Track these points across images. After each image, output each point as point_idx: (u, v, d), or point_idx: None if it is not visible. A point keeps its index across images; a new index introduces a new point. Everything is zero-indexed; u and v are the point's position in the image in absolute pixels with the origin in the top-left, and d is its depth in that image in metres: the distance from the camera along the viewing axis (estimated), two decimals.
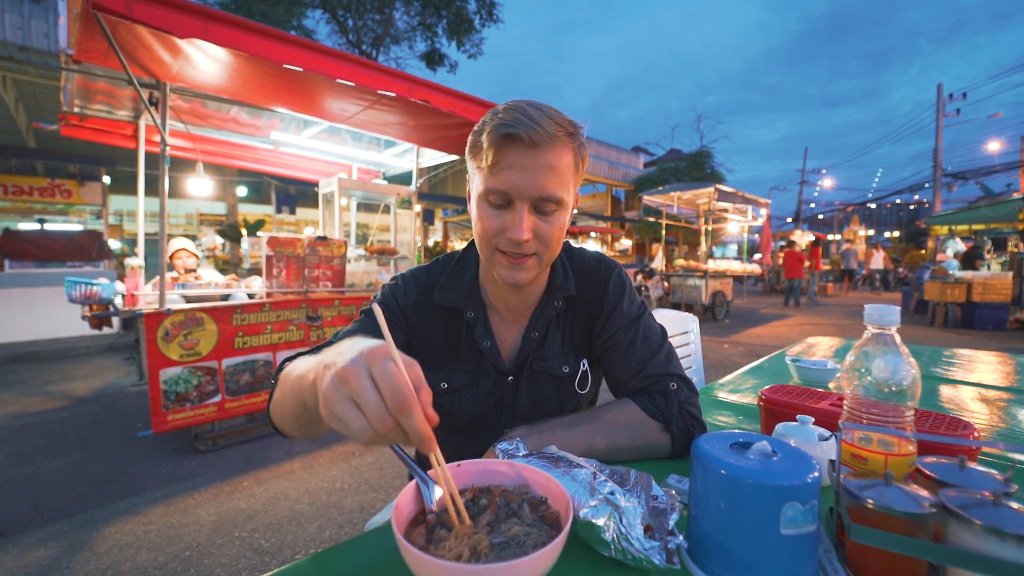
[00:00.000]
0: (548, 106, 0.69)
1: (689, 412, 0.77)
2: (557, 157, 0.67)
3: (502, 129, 0.65)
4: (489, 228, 0.70)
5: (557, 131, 0.66)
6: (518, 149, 0.65)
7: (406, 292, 0.85)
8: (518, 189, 0.66)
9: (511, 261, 0.71)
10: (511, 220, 0.68)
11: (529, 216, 0.68)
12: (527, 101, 0.69)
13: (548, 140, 0.65)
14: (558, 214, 0.70)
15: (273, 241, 3.04)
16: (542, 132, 0.65)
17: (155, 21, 1.94)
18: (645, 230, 17.15)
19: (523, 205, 0.68)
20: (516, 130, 0.64)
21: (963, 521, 0.40)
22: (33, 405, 3.64)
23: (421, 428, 0.41)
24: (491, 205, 0.69)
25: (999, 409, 1.06)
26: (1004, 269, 7.80)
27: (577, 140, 0.70)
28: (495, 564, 0.40)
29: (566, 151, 0.68)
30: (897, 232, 37.88)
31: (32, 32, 6.16)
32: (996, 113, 16.92)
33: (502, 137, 0.65)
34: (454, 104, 2.98)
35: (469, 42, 11.53)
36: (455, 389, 0.84)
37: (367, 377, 0.41)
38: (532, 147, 0.65)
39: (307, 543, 1.91)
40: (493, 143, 0.66)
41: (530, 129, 0.64)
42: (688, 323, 1.72)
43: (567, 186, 0.70)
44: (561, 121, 0.67)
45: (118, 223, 11.95)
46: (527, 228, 0.68)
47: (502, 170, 0.66)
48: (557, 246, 0.73)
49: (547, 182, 0.67)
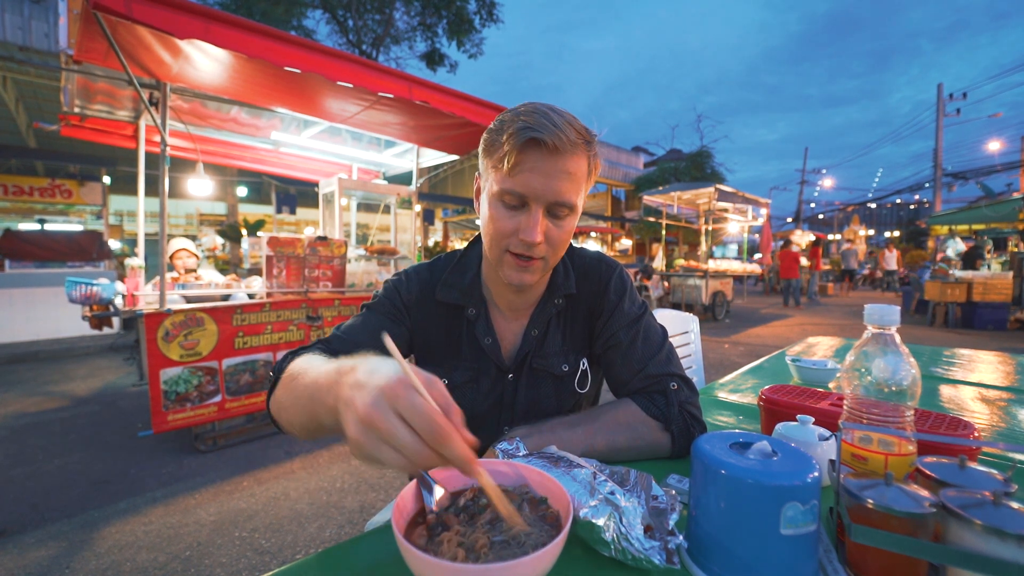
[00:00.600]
0: (567, 112, 0.70)
1: (689, 412, 0.77)
2: (575, 164, 0.68)
3: (527, 132, 0.65)
4: (502, 228, 0.70)
5: (577, 138, 0.67)
6: (540, 153, 0.66)
7: (409, 288, 0.85)
8: (536, 192, 0.67)
9: (519, 263, 0.72)
10: (525, 222, 0.69)
11: (543, 219, 0.69)
12: (547, 105, 0.69)
13: (569, 147, 0.67)
14: (569, 219, 0.72)
15: (273, 241, 3.04)
16: (565, 139, 0.66)
17: (155, 21, 1.94)
18: (645, 230, 17.15)
19: (538, 208, 0.68)
20: (541, 135, 0.65)
21: (963, 521, 0.40)
22: (33, 405, 3.64)
23: (463, 455, 0.40)
24: (505, 206, 0.70)
25: (999, 409, 1.06)
26: (1004, 269, 7.79)
27: (592, 148, 0.71)
28: (495, 564, 0.40)
29: (583, 158, 0.70)
30: (897, 232, 37.87)
31: (32, 32, 6.16)
32: (996, 113, 16.92)
33: (526, 140, 0.65)
34: (454, 104, 2.98)
35: (469, 42, 11.53)
36: (456, 386, 0.84)
37: (395, 417, 0.39)
38: (554, 152, 0.66)
39: (307, 543, 1.91)
40: (516, 145, 0.66)
41: (554, 135, 0.65)
42: (688, 323, 1.72)
43: (580, 192, 0.71)
44: (580, 129, 0.69)
45: (118, 223, 11.95)
46: (540, 231, 0.69)
47: (522, 172, 0.67)
48: (563, 250, 0.75)
49: (563, 187, 0.68)
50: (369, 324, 0.81)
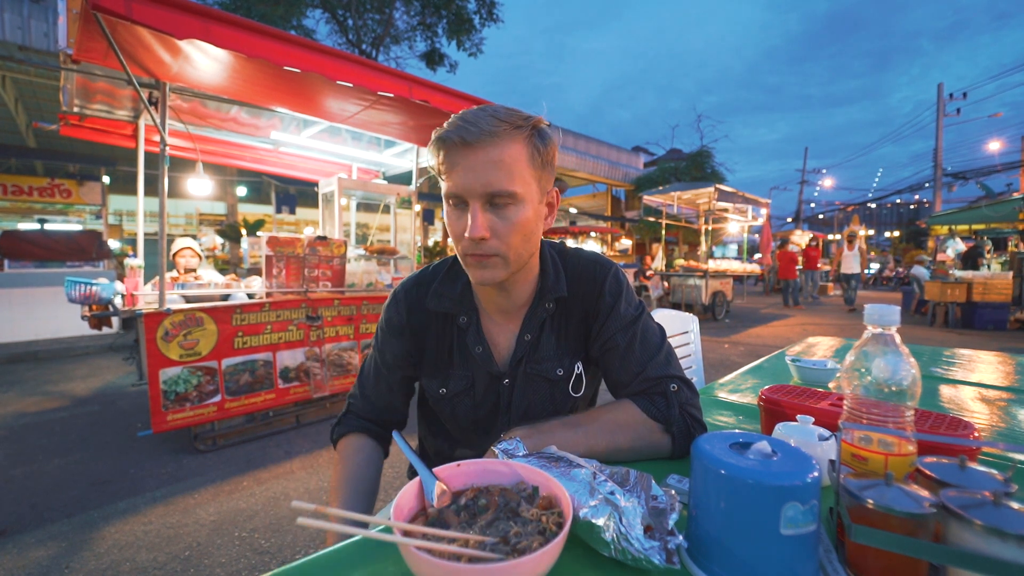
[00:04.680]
0: (502, 107, 0.70)
1: (690, 414, 0.77)
2: (500, 151, 0.67)
3: (438, 135, 0.69)
4: (454, 231, 0.72)
5: (497, 127, 0.67)
6: (457, 150, 0.67)
7: (399, 311, 0.87)
8: (466, 187, 0.68)
9: (475, 260, 0.72)
10: (467, 220, 0.69)
11: (483, 214, 0.69)
12: (481, 106, 0.71)
13: (486, 136, 0.66)
14: (513, 208, 0.69)
15: (273, 241, 3.04)
16: (476, 130, 0.66)
17: (154, 22, 1.94)
18: (645, 230, 17.14)
19: (475, 203, 0.68)
20: (449, 134, 0.67)
21: (963, 521, 0.40)
22: (33, 405, 3.64)
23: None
24: (452, 208, 0.71)
25: (999, 409, 1.06)
26: (1004, 269, 7.79)
27: (525, 131, 0.69)
28: (495, 564, 0.40)
29: (513, 143, 0.68)
30: (897, 232, 37.85)
31: (32, 32, 6.16)
32: (996, 113, 16.92)
33: (438, 141, 0.69)
34: (454, 104, 2.98)
35: (469, 42, 11.52)
36: (453, 394, 0.85)
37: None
38: (468, 146, 0.67)
39: (307, 543, 1.91)
40: (436, 150, 0.69)
41: (463, 130, 0.66)
42: (688, 323, 1.71)
43: (520, 179, 0.69)
44: (506, 116, 0.68)
45: (118, 223, 11.95)
46: (481, 225, 0.68)
47: (451, 172, 0.68)
48: (521, 243, 0.72)
49: (492, 177, 0.67)
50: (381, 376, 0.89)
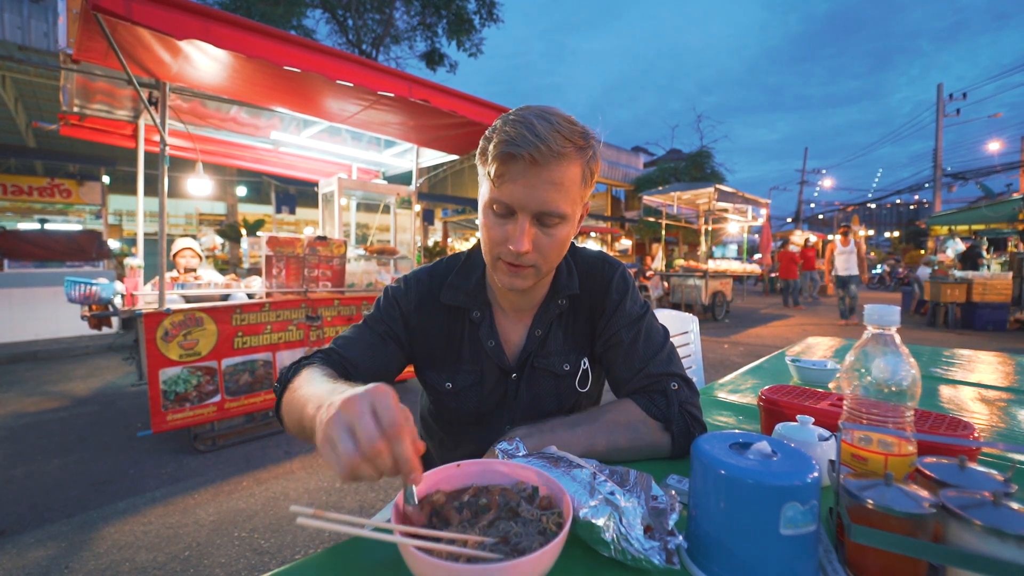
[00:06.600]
0: (560, 116, 0.67)
1: (690, 412, 0.77)
2: (562, 173, 0.66)
3: (504, 146, 0.64)
4: (492, 237, 0.71)
5: (564, 147, 0.65)
6: (521, 165, 0.65)
7: (408, 296, 0.85)
8: (520, 203, 0.67)
9: (510, 269, 0.72)
10: (512, 231, 0.68)
11: (530, 228, 0.68)
12: (538, 111, 0.67)
13: (552, 157, 0.64)
14: (560, 227, 0.70)
15: (273, 241, 3.04)
16: (545, 150, 0.63)
17: (154, 22, 1.94)
18: (645, 230, 17.15)
19: (525, 217, 0.68)
20: (519, 149, 0.63)
21: (963, 521, 0.40)
22: (33, 405, 3.64)
23: (408, 455, 0.44)
24: (495, 214, 0.70)
25: (999, 409, 1.06)
26: (1004, 269, 7.80)
27: (587, 153, 0.69)
28: (495, 564, 0.40)
29: (573, 165, 0.67)
30: (897, 232, 37.85)
31: (31, 31, 6.16)
32: (996, 113, 16.92)
33: (504, 155, 0.65)
34: (454, 104, 2.98)
35: (469, 42, 11.52)
36: (459, 389, 0.85)
37: (368, 405, 0.44)
38: (535, 164, 0.64)
39: (307, 543, 1.91)
40: (496, 157, 0.66)
41: (533, 147, 0.63)
42: (688, 323, 1.72)
43: (571, 200, 0.69)
44: (569, 134, 0.65)
45: (117, 223, 11.94)
46: (527, 240, 0.68)
47: (505, 183, 0.67)
48: (557, 257, 0.74)
49: (549, 197, 0.66)
50: (364, 339, 0.83)
